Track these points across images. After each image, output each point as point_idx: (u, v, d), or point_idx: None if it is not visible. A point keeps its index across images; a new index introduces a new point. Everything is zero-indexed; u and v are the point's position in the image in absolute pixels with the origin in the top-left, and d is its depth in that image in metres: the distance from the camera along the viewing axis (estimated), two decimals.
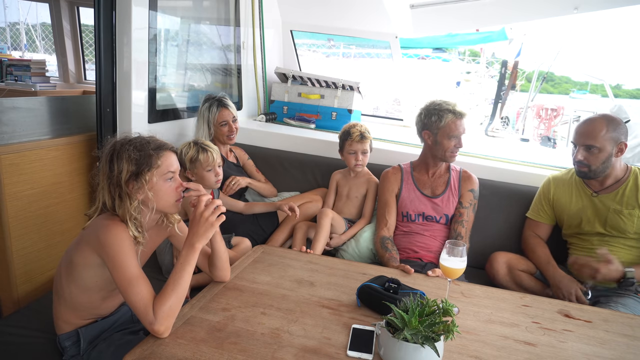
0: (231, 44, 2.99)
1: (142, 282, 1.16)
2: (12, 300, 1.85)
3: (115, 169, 1.22)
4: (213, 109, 2.26)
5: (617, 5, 2.88)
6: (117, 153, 1.23)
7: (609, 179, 1.89)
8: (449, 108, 2.02)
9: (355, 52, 10.04)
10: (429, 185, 2.14)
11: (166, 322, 1.13)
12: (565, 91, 19.52)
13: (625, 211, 1.83)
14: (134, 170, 1.22)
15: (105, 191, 1.24)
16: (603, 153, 1.81)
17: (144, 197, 1.24)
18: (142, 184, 1.22)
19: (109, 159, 1.23)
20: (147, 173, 1.23)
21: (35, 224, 1.90)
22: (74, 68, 4.89)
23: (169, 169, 1.27)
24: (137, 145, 1.24)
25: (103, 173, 1.24)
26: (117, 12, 1.98)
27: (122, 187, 1.21)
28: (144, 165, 1.22)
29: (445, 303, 1.09)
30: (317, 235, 2.13)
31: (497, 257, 2.03)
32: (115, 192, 1.22)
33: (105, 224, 1.20)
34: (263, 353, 1.10)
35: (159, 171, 1.25)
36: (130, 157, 1.22)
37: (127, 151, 1.22)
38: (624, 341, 1.31)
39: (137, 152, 1.23)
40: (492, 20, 3.24)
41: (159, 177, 1.25)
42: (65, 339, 1.34)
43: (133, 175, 1.22)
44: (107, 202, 1.24)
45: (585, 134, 1.84)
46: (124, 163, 1.21)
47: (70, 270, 1.28)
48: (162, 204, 1.28)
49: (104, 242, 1.17)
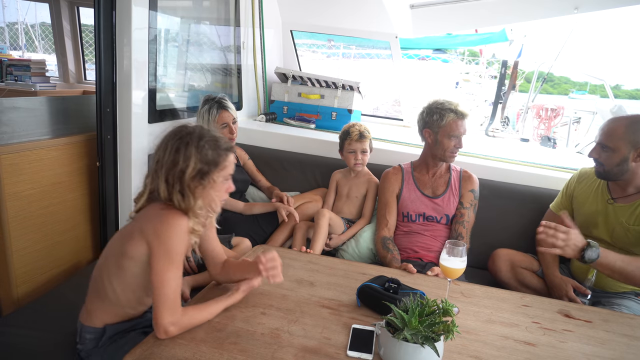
0: (231, 44, 2.99)
1: (179, 272, 1.15)
2: (11, 300, 1.85)
3: (180, 162, 1.15)
4: (213, 111, 2.26)
5: (617, 5, 2.88)
6: (185, 146, 1.16)
7: (630, 187, 1.78)
8: (451, 107, 2.02)
9: (355, 52, 10.05)
10: (429, 185, 2.14)
11: (181, 330, 1.13)
12: (565, 91, 19.51)
13: (632, 228, 1.74)
14: (201, 169, 1.17)
15: (162, 181, 1.17)
16: (617, 155, 1.72)
17: (203, 196, 1.19)
18: (206, 183, 1.18)
19: (174, 150, 1.17)
20: (214, 173, 1.18)
21: (35, 224, 1.90)
22: (74, 68, 4.89)
23: (230, 172, 1.24)
24: (209, 143, 1.18)
25: (163, 162, 1.18)
26: (117, 12, 1.98)
27: (183, 183, 1.16)
28: (212, 165, 1.18)
29: (445, 303, 1.09)
30: (315, 235, 2.13)
31: (499, 254, 2.04)
32: (174, 186, 1.16)
33: (165, 214, 1.15)
34: (263, 353, 1.10)
35: (224, 172, 1.22)
36: (201, 154, 1.16)
37: (196, 147, 1.16)
38: (624, 341, 1.31)
39: (208, 150, 1.17)
40: (492, 20, 3.24)
41: (221, 178, 1.22)
42: (89, 332, 1.31)
43: (200, 173, 1.17)
44: (162, 193, 1.17)
45: (603, 132, 1.77)
46: (192, 159, 1.15)
47: (119, 263, 1.22)
48: (212, 202, 1.24)
49: (160, 231, 1.13)
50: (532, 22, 3.57)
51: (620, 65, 50.42)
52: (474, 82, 11.03)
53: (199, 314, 1.18)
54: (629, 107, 3.20)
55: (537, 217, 2.17)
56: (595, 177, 1.92)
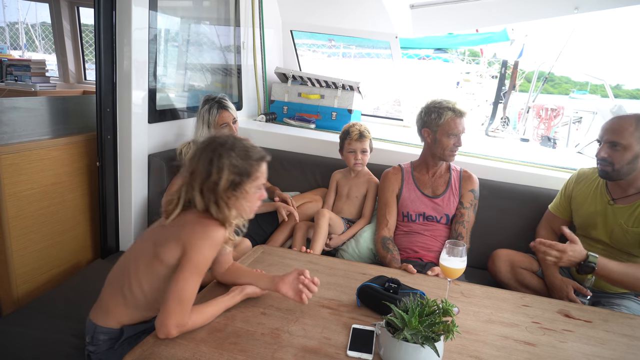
0: (231, 44, 2.99)
1: (199, 282, 1.15)
2: (11, 300, 1.85)
3: (214, 174, 1.16)
4: (213, 110, 2.26)
5: (617, 5, 2.88)
6: (217, 157, 1.17)
7: (632, 187, 1.77)
8: (448, 106, 2.02)
9: (355, 52, 10.04)
10: (429, 185, 2.14)
11: (181, 332, 1.13)
12: (565, 91, 19.49)
13: (631, 229, 1.74)
14: (234, 180, 1.17)
15: (196, 192, 1.18)
16: (628, 152, 1.69)
17: (236, 205, 1.20)
18: (239, 194, 1.19)
19: (207, 161, 1.17)
20: (246, 184, 1.19)
21: (35, 224, 1.91)
22: (74, 68, 4.89)
23: (262, 181, 1.25)
24: (240, 154, 1.19)
25: (197, 174, 1.19)
26: (117, 12, 1.98)
27: (217, 194, 1.17)
28: (244, 175, 1.19)
29: (445, 303, 1.09)
30: (315, 235, 2.13)
31: (499, 255, 2.04)
32: (209, 198, 1.18)
33: (206, 224, 1.17)
34: (263, 353, 1.10)
35: (256, 183, 1.22)
36: (234, 165, 1.17)
37: (229, 158, 1.17)
38: (624, 341, 1.31)
39: (240, 161, 1.18)
40: (492, 20, 3.24)
41: (254, 188, 1.22)
42: (104, 332, 1.28)
43: (233, 184, 1.18)
44: (199, 204, 1.19)
45: (611, 130, 1.72)
46: (225, 171, 1.16)
47: (151, 266, 1.22)
48: (244, 210, 1.24)
49: (197, 240, 1.14)
50: (533, 22, 3.56)
51: (621, 65, 50.43)
52: (475, 82, 11.02)
53: (200, 316, 1.18)
54: (630, 107, 3.20)
55: (537, 217, 2.17)
56: (594, 178, 1.92)
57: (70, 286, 1.88)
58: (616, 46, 78.36)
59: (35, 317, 1.62)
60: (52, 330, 1.55)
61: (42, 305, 1.71)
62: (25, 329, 1.55)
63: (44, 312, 1.65)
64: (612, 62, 55.35)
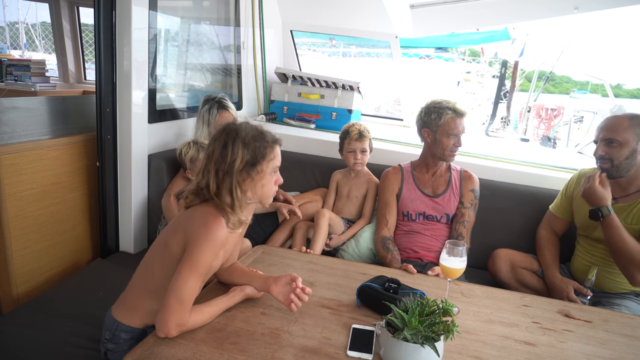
0: (231, 44, 2.99)
1: (200, 282, 1.15)
2: (11, 300, 1.85)
3: (229, 156, 1.17)
4: (213, 111, 2.26)
5: (617, 5, 2.88)
6: (232, 140, 1.18)
7: (632, 186, 1.79)
8: (448, 106, 2.02)
9: (355, 51, 10.04)
10: (429, 184, 2.13)
11: (181, 332, 1.13)
12: (566, 91, 19.48)
13: (630, 227, 1.74)
14: (249, 160, 1.18)
15: (212, 175, 1.19)
16: (625, 148, 1.72)
17: (252, 188, 1.21)
18: (255, 175, 1.19)
19: (222, 145, 1.19)
20: (262, 164, 1.20)
21: (35, 224, 1.91)
22: (74, 68, 4.89)
23: (277, 164, 1.25)
24: (254, 135, 1.20)
25: (213, 158, 1.19)
26: (117, 12, 1.98)
27: (232, 176, 1.17)
28: (259, 156, 1.19)
29: (445, 303, 1.09)
30: (315, 236, 2.13)
31: (499, 254, 2.04)
32: (224, 180, 1.18)
33: (208, 221, 1.16)
34: (263, 353, 1.10)
35: (272, 164, 1.23)
36: (248, 145, 1.18)
37: (244, 139, 1.18)
38: (624, 341, 1.31)
39: (254, 142, 1.19)
40: (492, 20, 3.24)
41: (269, 170, 1.23)
42: (126, 331, 1.28)
43: (248, 165, 1.18)
44: (212, 187, 1.19)
45: (606, 128, 1.78)
46: (239, 151, 1.17)
47: (163, 253, 1.22)
48: (263, 195, 1.25)
49: (197, 237, 1.14)
50: (533, 22, 3.57)
51: (622, 65, 50.41)
52: (475, 81, 11.01)
53: (199, 315, 1.17)
54: (630, 107, 3.20)
55: (537, 217, 2.17)
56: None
57: (71, 285, 1.88)
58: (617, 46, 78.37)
59: (35, 316, 1.63)
60: (52, 329, 1.55)
61: (41, 304, 1.71)
62: (25, 328, 1.55)
63: (43, 312, 1.66)
64: (613, 61, 55.36)
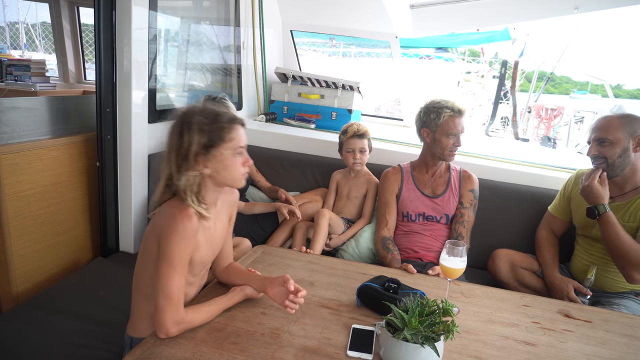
0: (231, 44, 2.99)
1: (181, 275, 1.14)
2: (11, 299, 1.85)
3: (186, 141, 1.15)
4: None
5: (617, 5, 2.88)
6: (187, 124, 1.16)
7: (628, 185, 1.80)
8: (447, 106, 2.02)
9: (355, 51, 10.04)
10: (429, 185, 2.13)
11: (181, 331, 1.13)
12: (566, 91, 19.46)
13: (627, 225, 1.75)
14: (206, 143, 1.15)
15: (173, 164, 1.17)
16: (617, 146, 1.75)
17: (212, 171, 1.18)
18: (212, 157, 1.17)
19: (178, 131, 1.17)
20: (218, 147, 1.17)
21: (35, 224, 1.91)
22: (74, 68, 4.88)
23: (239, 144, 1.21)
24: (209, 117, 1.17)
25: (171, 146, 1.18)
26: (117, 12, 1.98)
27: (189, 161, 1.15)
28: (216, 138, 1.16)
29: (445, 303, 1.09)
30: (315, 235, 2.13)
31: (499, 254, 2.04)
32: (183, 167, 1.16)
33: (172, 216, 1.14)
34: (263, 353, 1.10)
35: (231, 145, 1.19)
36: (202, 129, 1.15)
37: (198, 122, 1.16)
38: (624, 341, 1.31)
39: (209, 124, 1.16)
40: (492, 20, 3.24)
41: (229, 151, 1.19)
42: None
43: (204, 148, 1.16)
44: (174, 177, 1.17)
45: (598, 128, 1.80)
46: (194, 135, 1.15)
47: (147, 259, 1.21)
48: (229, 177, 1.22)
49: (164, 234, 1.13)
50: (534, 22, 3.56)
51: (621, 65, 50.40)
52: (475, 81, 11.00)
53: (199, 315, 1.18)
54: (630, 107, 3.20)
55: (537, 217, 2.17)
56: None
57: (71, 283, 1.88)
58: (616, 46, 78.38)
59: (35, 314, 1.63)
60: (52, 327, 1.55)
61: (41, 302, 1.71)
62: (25, 326, 1.55)
63: (43, 310, 1.66)
64: (613, 62, 55.36)
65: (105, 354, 1.47)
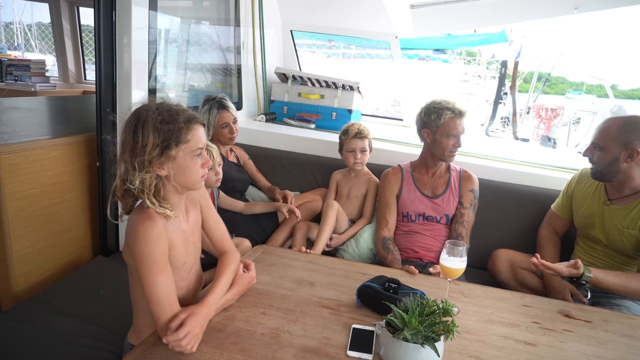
0: (231, 44, 2.99)
1: (164, 274, 1.11)
2: (11, 299, 1.85)
3: (140, 142, 1.08)
4: (213, 111, 2.26)
5: (617, 5, 2.88)
6: (142, 124, 1.08)
7: (626, 189, 1.77)
8: (448, 106, 2.02)
9: (355, 52, 10.03)
10: (429, 185, 2.14)
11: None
12: (562, 91, 19.46)
13: (626, 231, 1.74)
14: (161, 144, 1.08)
15: (128, 164, 1.10)
16: (607, 154, 1.72)
17: (169, 173, 1.12)
18: (167, 158, 1.10)
19: (132, 130, 1.09)
20: (174, 148, 1.10)
21: (35, 224, 1.90)
22: (74, 68, 4.88)
23: (197, 145, 1.14)
24: (165, 116, 1.10)
25: (125, 145, 1.11)
26: (117, 12, 1.98)
27: (145, 163, 1.08)
28: (172, 139, 1.09)
29: (445, 303, 1.09)
30: (322, 226, 2.13)
31: (499, 255, 2.04)
32: (139, 169, 1.09)
33: (134, 223, 1.10)
34: (263, 353, 1.10)
35: (188, 147, 1.12)
36: (158, 128, 1.08)
37: (154, 122, 1.08)
38: (624, 341, 1.31)
39: (165, 124, 1.09)
40: (492, 20, 3.24)
41: (187, 153, 1.13)
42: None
43: (160, 150, 1.09)
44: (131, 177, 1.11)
45: (597, 131, 1.77)
46: (149, 135, 1.08)
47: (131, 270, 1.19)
48: (188, 180, 1.16)
49: (132, 243, 1.10)
50: (532, 23, 3.56)
51: (616, 65, 50.44)
52: (473, 82, 11.01)
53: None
54: (626, 107, 3.20)
55: (537, 217, 2.18)
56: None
57: (71, 283, 1.88)
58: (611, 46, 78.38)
59: (35, 312, 1.63)
60: (52, 326, 1.55)
61: (41, 301, 1.71)
62: (24, 325, 1.55)
63: (43, 309, 1.65)
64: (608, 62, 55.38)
65: (105, 354, 1.47)
